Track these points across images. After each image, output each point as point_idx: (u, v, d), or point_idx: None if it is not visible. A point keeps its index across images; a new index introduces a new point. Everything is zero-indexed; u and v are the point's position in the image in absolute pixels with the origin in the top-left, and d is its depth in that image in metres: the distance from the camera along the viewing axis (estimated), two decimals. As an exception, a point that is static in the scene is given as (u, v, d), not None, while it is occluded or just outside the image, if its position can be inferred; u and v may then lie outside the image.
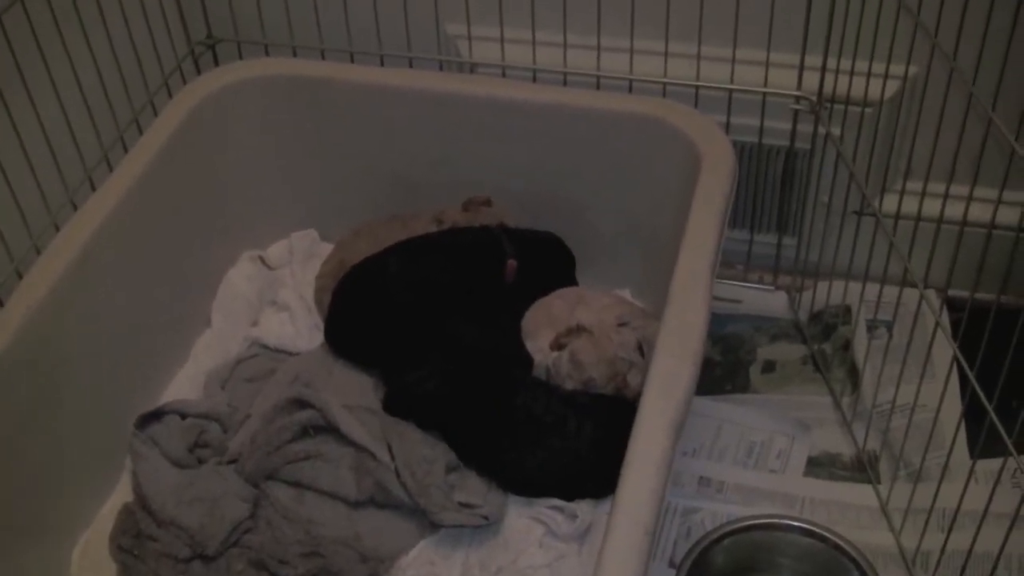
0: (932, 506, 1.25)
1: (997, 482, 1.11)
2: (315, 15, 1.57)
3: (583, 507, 1.30)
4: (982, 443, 1.11)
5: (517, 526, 1.30)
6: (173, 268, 1.47)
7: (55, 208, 1.36)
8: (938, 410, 1.25)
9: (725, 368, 1.57)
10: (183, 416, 1.38)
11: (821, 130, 1.48)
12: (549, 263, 1.51)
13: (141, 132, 1.46)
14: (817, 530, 1.28)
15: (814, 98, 1.46)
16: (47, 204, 1.35)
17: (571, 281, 1.52)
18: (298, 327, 1.53)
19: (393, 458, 1.29)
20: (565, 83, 1.53)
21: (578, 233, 1.52)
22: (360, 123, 1.53)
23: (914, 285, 1.24)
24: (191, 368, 1.50)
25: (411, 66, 1.57)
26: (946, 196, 1.19)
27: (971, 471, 1.16)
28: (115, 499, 1.36)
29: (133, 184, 1.36)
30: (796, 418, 1.48)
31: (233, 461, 1.35)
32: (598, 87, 1.51)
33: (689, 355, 1.10)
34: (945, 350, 1.30)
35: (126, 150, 1.44)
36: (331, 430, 1.33)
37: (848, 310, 1.57)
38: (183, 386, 1.48)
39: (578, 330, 1.36)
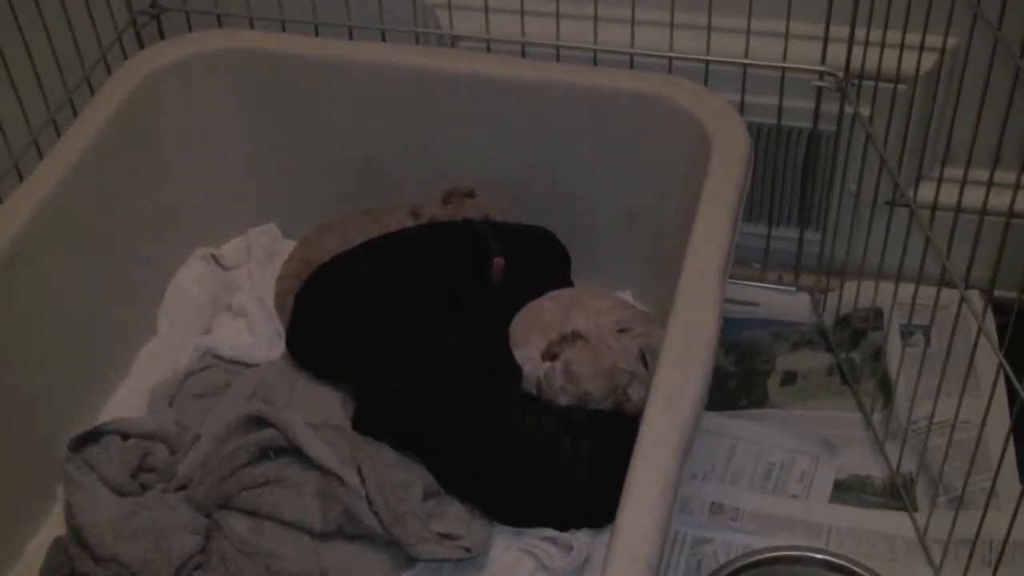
0: (976, 537, 1.24)
1: (1050, 509, 1.11)
2: (275, -19, 1.57)
3: (579, 538, 1.29)
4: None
5: (504, 560, 1.29)
6: (113, 269, 1.46)
7: (-24, 200, 1.36)
8: (982, 427, 1.24)
9: (739, 380, 1.56)
10: (124, 436, 1.37)
11: (848, 110, 1.48)
12: (540, 261, 1.51)
13: (76, 113, 1.46)
14: (845, 564, 1.27)
15: (840, 74, 1.46)
16: (-32, 195, 1.35)
17: (565, 282, 1.52)
18: (256, 335, 1.53)
19: (364, 483, 1.28)
20: (558, 58, 1.53)
21: (573, 228, 1.52)
22: (326, 104, 1.53)
23: (954, 285, 1.23)
24: (134, 382, 1.50)
25: (384, 39, 1.57)
26: (990, 184, 1.18)
27: (1020, 497, 1.15)
28: (45, 533, 1.35)
29: (66, 173, 1.36)
30: (821, 436, 1.48)
31: (182, 487, 1.34)
32: (595, 62, 1.51)
33: (698, 365, 1.10)
34: (990, 359, 1.29)
35: (59, 134, 1.43)
36: (293, 452, 1.32)
37: (879, 314, 1.56)
38: (124, 402, 1.47)
39: (573, 337, 1.36)
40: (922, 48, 1.32)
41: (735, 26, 1.45)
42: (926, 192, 1.38)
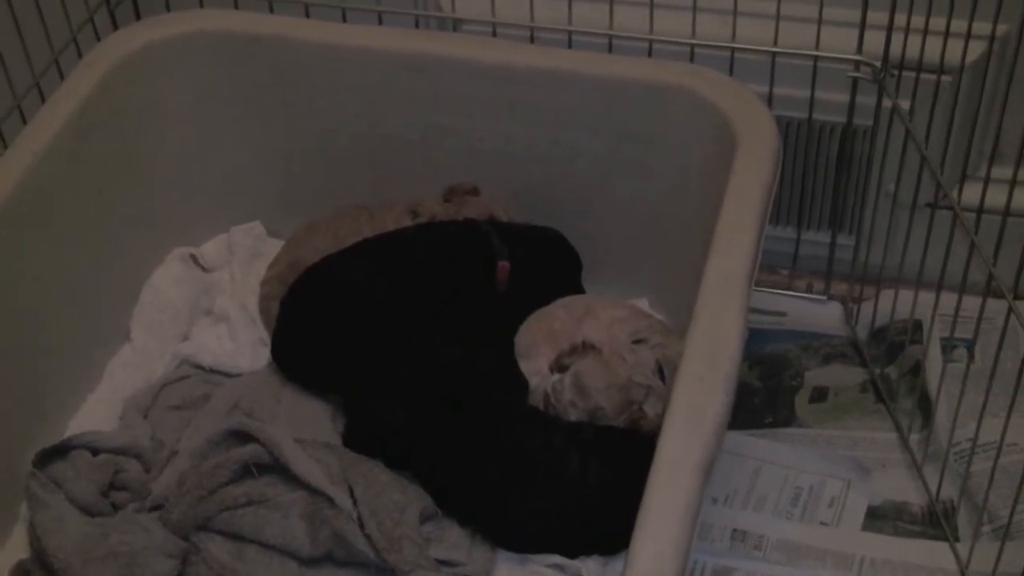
0: None
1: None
2: (262, -43, 1.58)
3: (589, 565, 1.29)
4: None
5: (508, 589, 1.30)
6: (83, 269, 1.46)
7: (-64, 192, 1.36)
8: (1030, 450, 1.25)
9: (765, 396, 1.57)
10: (94, 452, 1.37)
11: (886, 103, 1.48)
12: (549, 265, 1.51)
13: (43, 100, 1.46)
14: (879, 597, 1.27)
15: (878, 63, 1.46)
16: (-73, 187, 1.35)
17: (576, 288, 1.52)
18: (239, 343, 1.53)
19: (355, 504, 1.28)
20: (570, 45, 1.53)
21: (585, 229, 1.52)
22: (317, 92, 1.54)
23: (1001, 295, 1.24)
24: (105, 392, 1.50)
25: (381, 22, 1.58)
26: (1041, 185, 1.19)
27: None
28: (5, 556, 1.35)
29: (32, 165, 1.36)
30: (853, 458, 1.48)
31: (157, 508, 1.34)
32: (610, 49, 1.51)
33: (720, 380, 1.10)
34: (1039, 375, 1.29)
35: (24, 122, 1.44)
36: (279, 469, 1.32)
37: (918, 326, 1.56)
38: (95, 414, 1.47)
39: (584, 348, 1.36)
40: (968, 35, 1.32)
41: (763, 11, 1.46)
42: (971, 193, 1.37)
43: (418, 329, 1.42)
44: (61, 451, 1.37)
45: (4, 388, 1.35)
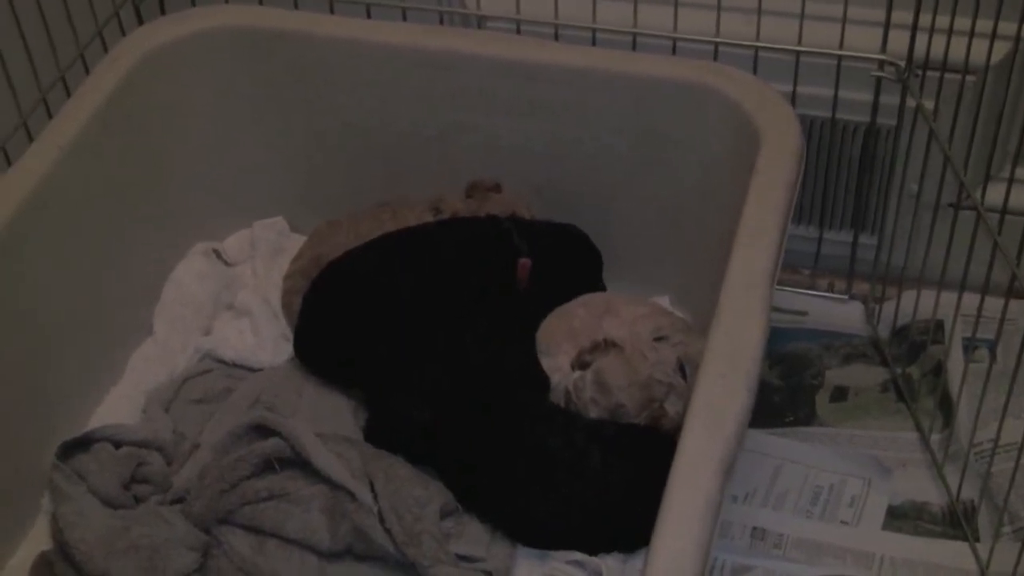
0: (1044, 571, 1.25)
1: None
2: (287, -47, 1.58)
3: (609, 563, 1.30)
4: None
5: (527, 586, 1.30)
6: (106, 263, 1.47)
7: (-39, 186, 1.36)
8: (1052, 451, 1.25)
9: (786, 395, 1.57)
10: (117, 444, 1.38)
11: (910, 103, 1.48)
12: (570, 263, 1.51)
13: (69, 94, 1.46)
14: (898, 597, 1.27)
15: (902, 63, 1.46)
16: (-48, 182, 1.36)
17: (598, 285, 1.53)
18: (260, 337, 1.54)
19: (376, 499, 1.29)
20: (594, 42, 1.53)
21: (606, 227, 1.52)
22: (341, 88, 1.54)
23: (1024, 296, 1.24)
24: (127, 386, 1.50)
25: (405, 18, 1.58)
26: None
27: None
28: (28, 547, 1.36)
29: (57, 159, 1.37)
30: (873, 458, 1.48)
31: (179, 500, 1.35)
32: (634, 47, 1.52)
33: (742, 378, 1.10)
34: (1061, 377, 1.29)
35: (50, 116, 1.44)
36: (300, 464, 1.33)
37: (940, 326, 1.56)
38: (117, 407, 1.48)
39: (605, 345, 1.36)
40: (994, 36, 1.32)
41: (788, 9, 1.46)
42: (995, 194, 1.37)
43: (440, 325, 1.42)
44: (84, 444, 1.37)
45: (28, 381, 1.36)
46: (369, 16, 1.58)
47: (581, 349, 1.37)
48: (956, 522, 1.41)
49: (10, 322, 1.32)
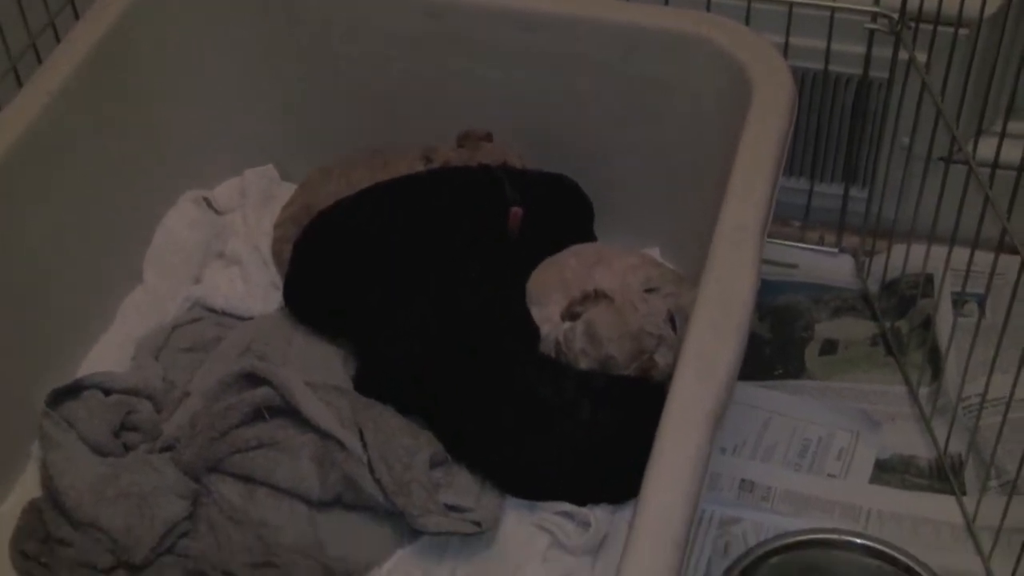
0: (1030, 524, 1.26)
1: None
2: None
3: (598, 513, 1.30)
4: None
5: (516, 535, 1.30)
6: (96, 210, 1.47)
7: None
8: (1039, 405, 1.25)
9: (776, 347, 1.57)
10: (106, 392, 1.38)
11: (903, 55, 1.48)
12: (562, 213, 1.51)
13: (58, 39, 1.46)
14: (885, 549, 1.28)
15: (895, 15, 1.45)
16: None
17: (589, 236, 1.53)
18: (251, 285, 1.54)
19: (366, 448, 1.29)
20: (587, -9, 1.52)
21: (598, 177, 1.52)
22: (331, 35, 1.53)
23: (1015, 251, 1.23)
24: (117, 333, 1.51)
25: (397, -35, 1.57)
26: (1057, 140, 1.19)
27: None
28: (18, 494, 1.36)
29: (47, 104, 1.36)
30: (862, 411, 1.49)
31: (168, 448, 1.35)
32: (627, -4, 1.51)
33: (732, 330, 1.10)
34: (1050, 331, 1.30)
35: (39, 61, 1.44)
36: (290, 412, 1.33)
37: (930, 280, 1.57)
38: (107, 355, 1.48)
39: (596, 296, 1.36)
40: (987, -11, 1.32)
41: (782, -40, 1.46)
42: (986, 148, 1.37)
43: (429, 274, 1.42)
44: (74, 391, 1.37)
45: (17, 327, 1.36)
46: (361, -37, 1.57)
47: (572, 300, 1.37)
48: (943, 476, 1.42)
49: (-1, 269, 1.32)
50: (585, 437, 1.30)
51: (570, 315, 1.37)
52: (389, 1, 1.48)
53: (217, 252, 1.59)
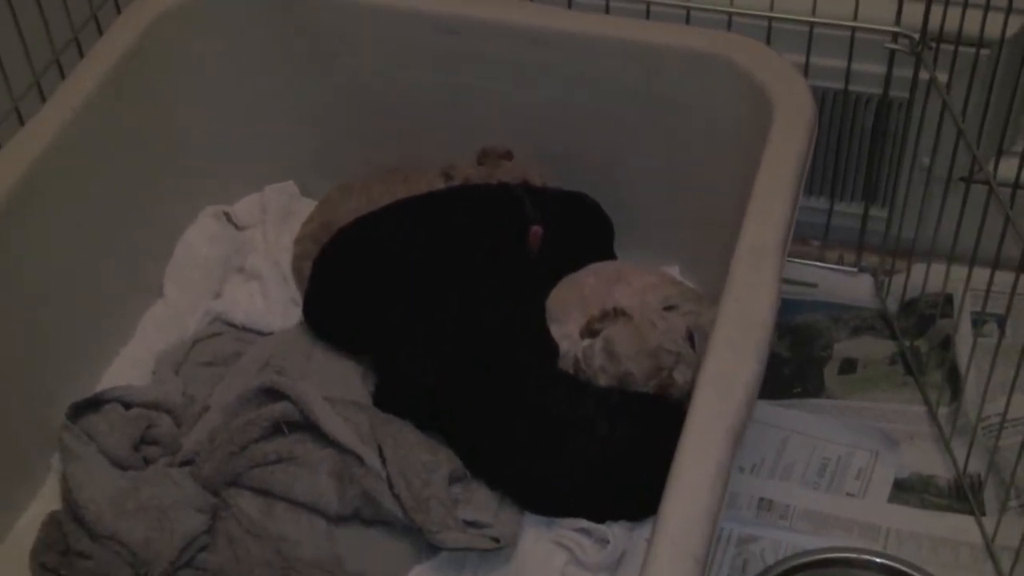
0: (1049, 545, 1.25)
1: None
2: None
3: (616, 530, 1.30)
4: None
5: (534, 552, 1.30)
6: (118, 225, 1.47)
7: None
8: (1059, 426, 1.25)
9: (795, 366, 1.57)
10: (127, 406, 1.38)
11: (924, 75, 1.48)
12: (582, 231, 1.51)
13: (81, 55, 1.46)
14: (904, 569, 1.28)
15: (916, 35, 1.45)
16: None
17: (609, 255, 1.53)
18: (270, 301, 1.54)
19: (385, 464, 1.29)
20: (607, 10, 1.54)
21: (618, 195, 1.52)
22: (352, 52, 1.54)
23: (1034, 271, 1.24)
24: (137, 347, 1.51)
25: (418, -17, 1.57)
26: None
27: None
28: (38, 507, 1.36)
29: (69, 119, 1.37)
30: (881, 430, 1.49)
31: (188, 462, 1.35)
32: (648, 16, 1.52)
33: (751, 349, 1.10)
34: (1070, 352, 1.29)
35: (63, 76, 1.44)
36: (309, 427, 1.33)
37: (949, 300, 1.56)
38: (127, 369, 1.48)
39: (615, 314, 1.36)
40: (1009, 9, 1.32)
41: (802, -20, 1.46)
42: (1007, 168, 1.37)
43: (449, 291, 1.42)
44: (94, 404, 1.38)
45: (38, 341, 1.36)
46: (383, -20, 1.58)
47: (591, 317, 1.37)
48: (962, 495, 1.42)
49: (21, 283, 1.32)
50: (602, 453, 1.30)
51: (589, 332, 1.37)
52: (409, 18, 1.48)
53: (237, 267, 1.59)
